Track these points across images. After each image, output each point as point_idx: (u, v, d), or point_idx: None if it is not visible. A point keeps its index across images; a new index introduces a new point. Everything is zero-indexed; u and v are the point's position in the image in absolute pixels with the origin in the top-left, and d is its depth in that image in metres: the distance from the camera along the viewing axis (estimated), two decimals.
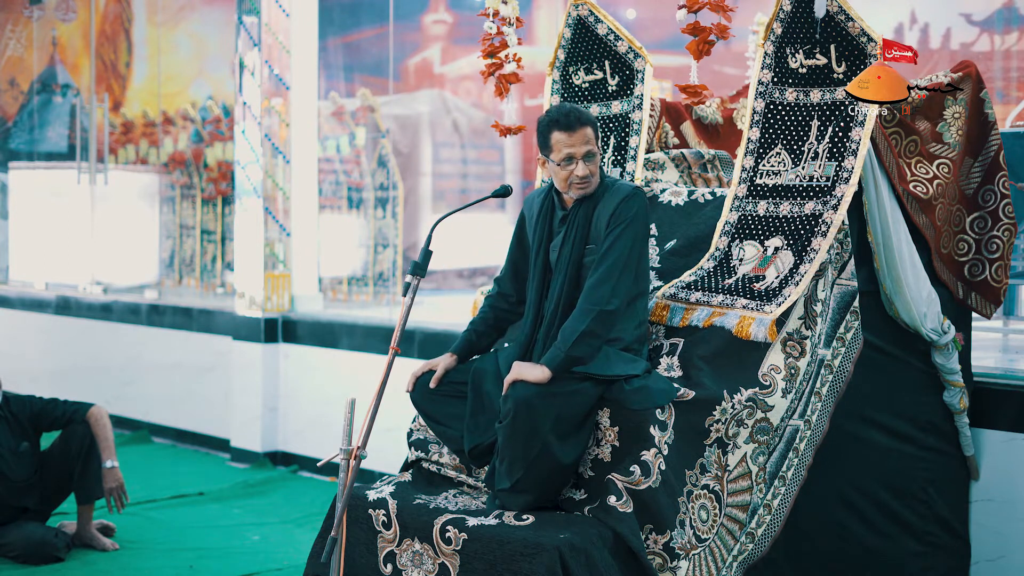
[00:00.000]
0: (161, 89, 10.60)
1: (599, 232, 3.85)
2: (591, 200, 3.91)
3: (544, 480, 3.77)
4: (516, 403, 3.68)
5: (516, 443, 3.69)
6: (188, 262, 10.04)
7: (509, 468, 3.74)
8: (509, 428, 3.70)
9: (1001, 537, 4.45)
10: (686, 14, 4.76)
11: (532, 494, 3.78)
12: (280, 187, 7.69)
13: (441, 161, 9.97)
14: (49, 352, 9.49)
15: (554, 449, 3.70)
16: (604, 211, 3.85)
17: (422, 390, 4.04)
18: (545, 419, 3.68)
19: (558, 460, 3.73)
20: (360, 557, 3.97)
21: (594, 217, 3.88)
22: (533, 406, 3.66)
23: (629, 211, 3.82)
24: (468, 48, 9.96)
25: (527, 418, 3.66)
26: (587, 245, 3.88)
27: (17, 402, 5.59)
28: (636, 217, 3.83)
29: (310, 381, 7.40)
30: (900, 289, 4.11)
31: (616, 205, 3.83)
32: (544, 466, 3.72)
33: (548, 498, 3.84)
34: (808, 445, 3.94)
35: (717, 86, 5.22)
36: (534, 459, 3.69)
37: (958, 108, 4.39)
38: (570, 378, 3.74)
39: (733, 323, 3.86)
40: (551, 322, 3.90)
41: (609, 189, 3.90)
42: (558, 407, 3.69)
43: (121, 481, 5.50)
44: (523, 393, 3.68)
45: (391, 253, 8.82)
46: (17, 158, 11.47)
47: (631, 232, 3.82)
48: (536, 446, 3.68)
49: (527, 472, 3.71)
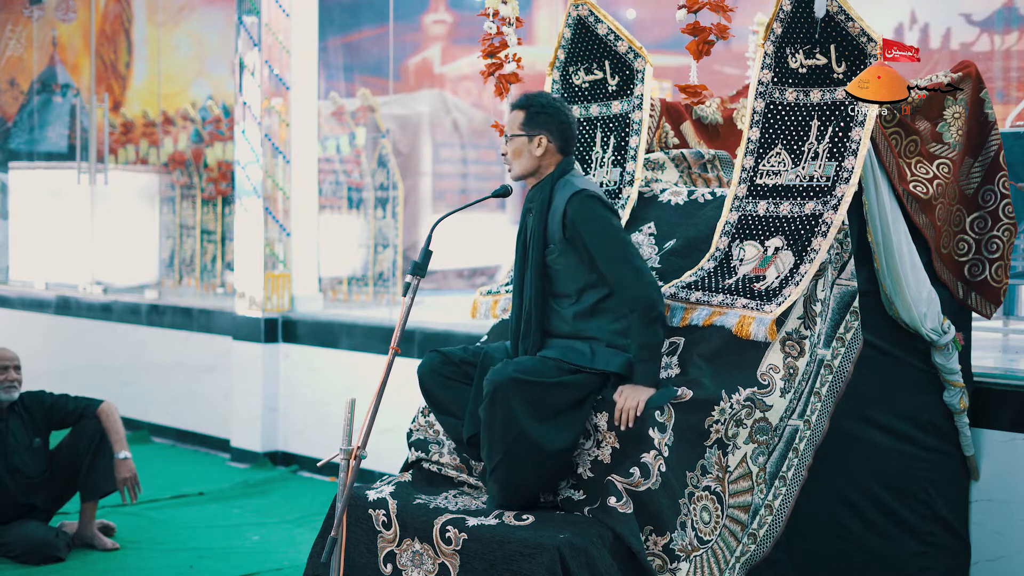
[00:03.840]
0: (161, 89, 10.60)
1: (555, 232, 3.89)
2: (543, 191, 3.96)
3: (527, 465, 3.76)
4: (493, 386, 3.71)
5: (495, 427, 3.73)
6: (188, 262, 10.04)
7: (489, 452, 3.78)
8: (487, 411, 3.74)
9: (1001, 537, 4.45)
10: (686, 14, 4.76)
11: (517, 481, 3.79)
12: (280, 187, 7.69)
13: (441, 161, 9.98)
14: (49, 352, 9.49)
15: (534, 434, 3.72)
16: (556, 212, 3.90)
17: (430, 372, 4.04)
18: (522, 404, 3.70)
19: (540, 445, 3.73)
20: (360, 557, 3.97)
21: (549, 215, 3.92)
22: (508, 390, 3.69)
23: (582, 218, 3.84)
24: (468, 48, 9.96)
25: (504, 402, 3.70)
26: (547, 247, 3.93)
27: (30, 398, 5.61)
28: (590, 216, 3.84)
29: (310, 381, 7.40)
30: (900, 289, 4.11)
31: (563, 212, 3.87)
32: (524, 450, 3.73)
33: (538, 486, 3.85)
34: (808, 445, 3.94)
35: (717, 86, 5.22)
36: (513, 443, 3.71)
37: (958, 108, 4.39)
38: (555, 369, 3.77)
39: (733, 322, 3.87)
40: (528, 308, 3.95)
41: (560, 187, 3.94)
42: (536, 394, 3.72)
43: (134, 471, 5.53)
44: (500, 377, 3.72)
45: (391, 253, 8.82)
46: (17, 158, 11.47)
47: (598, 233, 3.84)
48: (514, 430, 3.71)
49: (506, 455, 3.73)
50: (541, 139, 3.96)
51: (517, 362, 3.83)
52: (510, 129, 4.00)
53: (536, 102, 4.01)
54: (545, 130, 3.96)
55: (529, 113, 3.97)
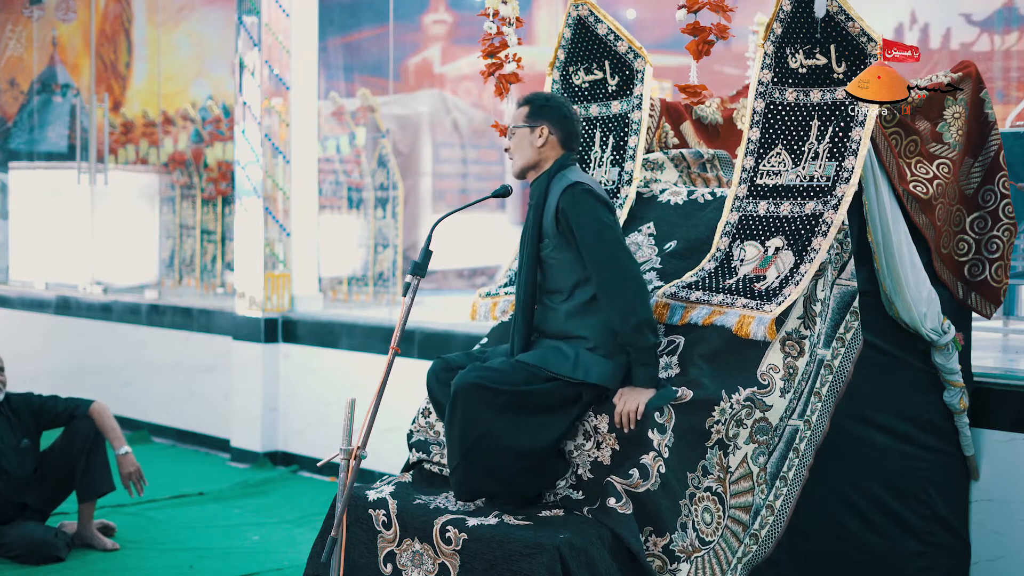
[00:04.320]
0: (161, 89, 10.60)
1: (549, 226, 3.90)
2: (541, 185, 3.96)
3: (484, 468, 3.76)
4: (455, 390, 3.73)
5: (453, 430, 3.75)
6: (188, 262, 10.04)
7: (449, 454, 3.80)
8: (448, 414, 3.76)
9: (1001, 537, 4.45)
10: (686, 14, 4.76)
11: (475, 483, 3.80)
12: (280, 187, 7.69)
13: (441, 161, 9.97)
14: (49, 352, 9.49)
15: (500, 436, 3.72)
16: (551, 205, 3.90)
17: (439, 379, 4.03)
18: (486, 408, 3.70)
19: (505, 447, 3.73)
20: (360, 557, 3.97)
21: (545, 208, 3.93)
22: (469, 395, 3.70)
23: (573, 211, 3.84)
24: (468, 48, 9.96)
25: (463, 406, 3.71)
26: (541, 240, 3.93)
27: (18, 399, 5.60)
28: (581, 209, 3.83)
29: (310, 381, 7.40)
30: (900, 289, 4.11)
31: (556, 202, 3.87)
32: (489, 451, 3.72)
33: (499, 490, 3.84)
34: (808, 445, 3.93)
35: (717, 86, 5.22)
36: (470, 447, 3.72)
37: (958, 108, 4.39)
38: (527, 377, 3.77)
39: (733, 322, 3.87)
40: (521, 304, 3.97)
41: (556, 182, 3.94)
42: (500, 400, 3.72)
43: (138, 465, 5.54)
44: (462, 381, 3.73)
45: (391, 253, 8.82)
46: (17, 158, 11.47)
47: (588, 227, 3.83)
48: (473, 434, 3.71)
49: (464, 459, 3.74)
50: (542, 129, 3.97)
51: (485, 367, 3.82)
52: (513, 123, 4.03)
53: (541, 96, 4.06)
54: (547, 121, 3.97)
55: (533, 106, 4.01)
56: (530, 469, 3.82)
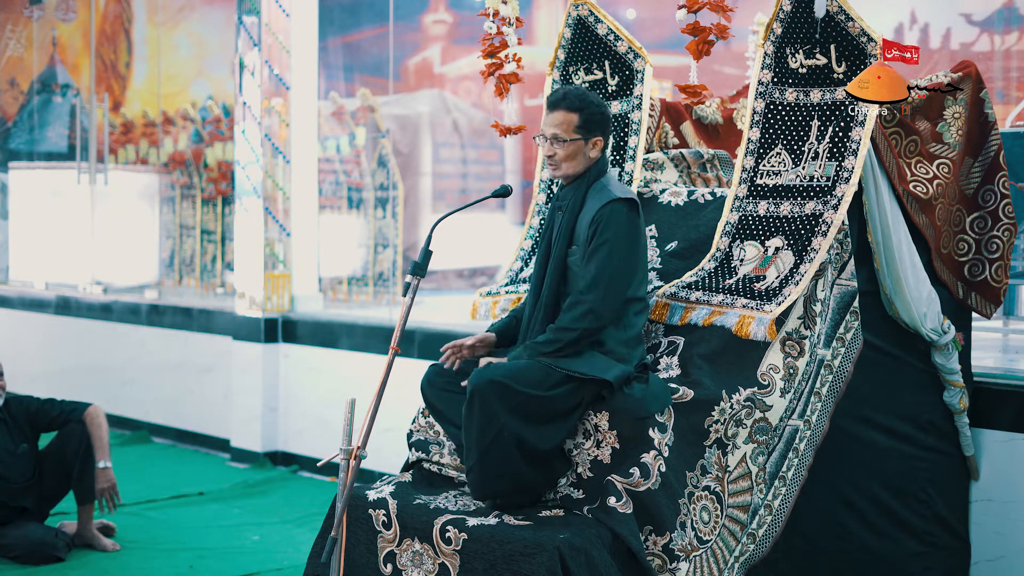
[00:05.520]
0: (161, 89, 10.60)
1: (581, 234, 3.87)
2: (577, 192, 3.92)
3: (502, 468, 3.75)
4: (473, 388, 3.71)
5: (472, 429, 3.73)
6: (188, 262, 10.04)
7: (467, 454, 3.79)
8: (466, 413, 3.74)
9: (1001, 537, 4.45)
10: (686, 14, 4.76)
11: (492, 484, 3.79)
12: (280, 187, 7.69)
13: (441, 161, 9.98)
14: (49, 352, 9.49)
15: (520, 433, 3.70)
16: (587, 214, 3.86)
17: (431, 383, 4.04)
18: (504, 406, 3.68)
19: (524, 444, 3.72)
20: (360, 557, 3.97)
21: (580, 215, 3.90)
22: (488, 394, 3.68)
23: (607, 223, 3.80)
24: (468, 48, 9.97)
25: (482, 405, 3.69)
26: (570, 246, 3.90)
27: (15, 403, 5.59)
28: (612, 224, 3.79)
29: (310, 381, 7.40)
30: (900, 289, 4.11)
31: (594, 215, 3.83)
32: (504, 451, 3.71)
33: (515, 490, 3.83)
34: (808, 445, 3.94)
35: (717, 86, 5.22)
36: (489, 445, 3.70)
37: (958, 108, 4.39)
38: (546, 374, 3.74)
39: (733, 322, 3.87)
40: (543, 305, 3.94)
41: (595, 192, 3.90)
42: (518, 400, 3.69)
43: (113, 482, 5.51)
44: (480, 380, 3.71)
45: (391, 253, 8.83)
46: (17, 158, 11.47)
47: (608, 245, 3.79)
48: (491, 432, 3.69)
49: (481, 459, 3.73)
50: (598, 141, 3.93)
51: (506, 366, 3.79)
52: (564, 132, 3.90)
53: (590, 102, 3.94)
54: (602, 133, 3.94)
55: (584, 115, 3.90)
56: (538, 470, 3.83)
